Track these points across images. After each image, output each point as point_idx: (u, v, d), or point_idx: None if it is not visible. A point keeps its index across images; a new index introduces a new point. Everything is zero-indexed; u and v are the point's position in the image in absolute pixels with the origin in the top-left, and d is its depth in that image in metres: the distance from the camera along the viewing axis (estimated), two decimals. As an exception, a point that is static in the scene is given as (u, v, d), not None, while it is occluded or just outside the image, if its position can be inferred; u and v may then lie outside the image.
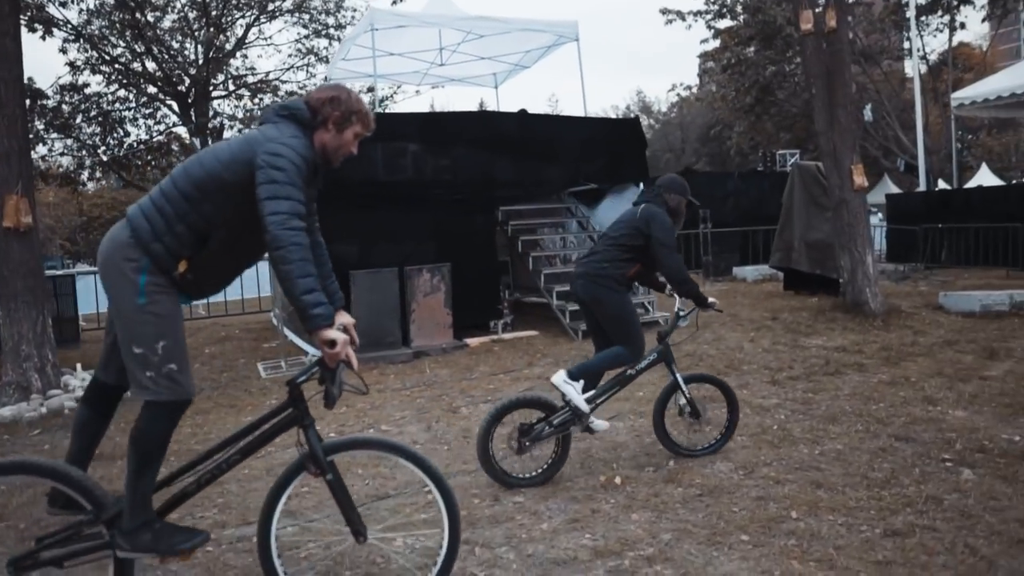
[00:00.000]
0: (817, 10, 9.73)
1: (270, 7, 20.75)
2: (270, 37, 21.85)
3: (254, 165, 2.60)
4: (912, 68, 20.08)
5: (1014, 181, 31.54)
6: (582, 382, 4.40)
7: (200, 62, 20.13)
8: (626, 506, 3.96)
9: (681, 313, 4.70)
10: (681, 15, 23.12)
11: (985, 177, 32.16)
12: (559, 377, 4.41)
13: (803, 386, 6.34)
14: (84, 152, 19.76)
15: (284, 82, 21.63)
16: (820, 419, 5.37)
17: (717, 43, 25.61)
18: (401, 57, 12.68)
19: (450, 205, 9.01)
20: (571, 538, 3.60)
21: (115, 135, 19.99)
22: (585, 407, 4.35)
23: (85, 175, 20.88)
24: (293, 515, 3.92)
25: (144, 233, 2.67)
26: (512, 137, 9.37)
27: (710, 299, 4.60)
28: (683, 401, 4.66)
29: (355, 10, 21.33)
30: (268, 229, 2.52)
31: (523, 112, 10.52)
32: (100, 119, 19.39)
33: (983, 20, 24.12)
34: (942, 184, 28.39)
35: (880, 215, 20.97)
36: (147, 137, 20.86)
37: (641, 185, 9.93)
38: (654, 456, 4.72)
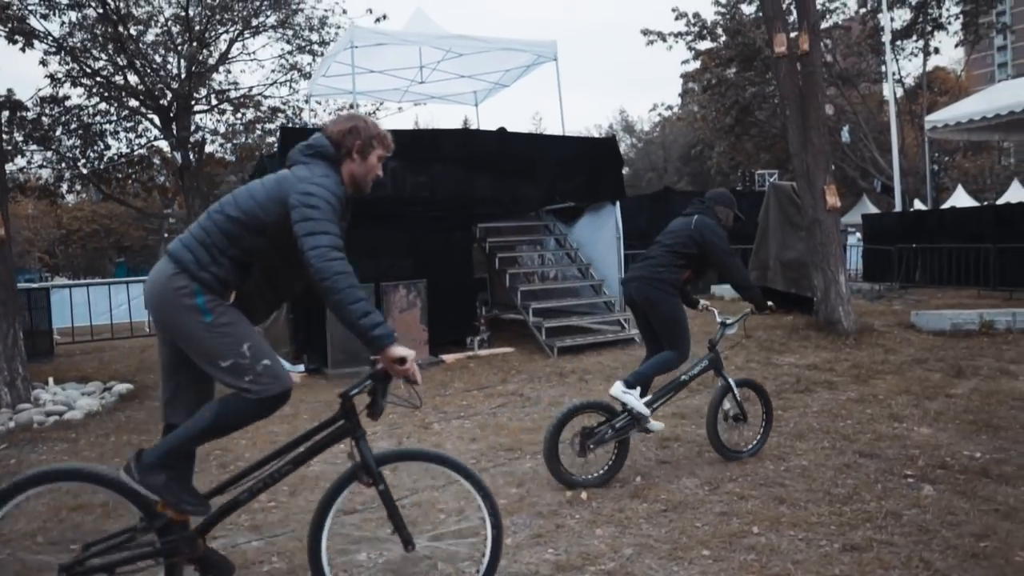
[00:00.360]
0: (793, 34, 9.92)
1: (254, 23, 20.77)
2: (254, 52, 21.82)
3: (288, 205, 2.71)
4: (888, 91, 20.41)
5: (986, 202, 32.09)
6: (639, 388, 4.61)
7: (183, 76, 20.07)
8: (591, 521, 3.99)
9: (728, 321, 4.93)
10: (662, 36, 23.36)
11: (961, 198, 32.70)
12: (617, 389, 4.60)
13: (773, 403, 6.39)
14: (64, 165, 19.61)
15: (267, 97, 21.63)
16: (788, 436, 5.43)
17: (698, 64, 25.93)
18: (382, 74, 12.74)
19: (428, 222, 9.05)
20: (534, 553, 3.63)
21: (95, 148, 19.84)
22: (646, 411, 4.58)
23: (64, 188, 20.68)
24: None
25: (190, 264, 2.74)
26: (490, 155, 9.39)
27: (769, 302, 4.89)
28: (728, 406, 4.87)
29: (339, 27, 21.39)
30: (311, 264, 2.59)
31: (502, 130, 10.59)
32: (80, 132, 19.25)
33: (956, 45, 24.60)
34: (918, 205, 28.81)
35: (858, 235, 21.21)
36: (128, 150, 20.70)
37: (618, 204, 10.00)
38: (621, 472, 4.75)
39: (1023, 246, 12.72)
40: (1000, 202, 25.61)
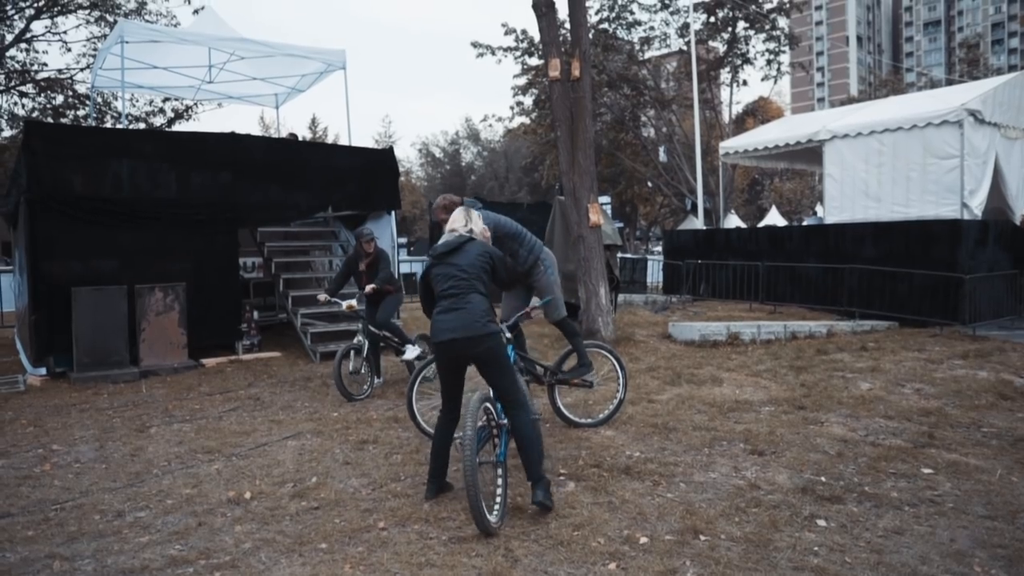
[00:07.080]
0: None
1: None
2: (64, 32, 20.49)
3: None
4: (695, 118, 21.95)
5: (795, 222, 35.10)
6: None
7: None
8: (238, 519, 4.16)
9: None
10: (491, 49, 23.93)
11: (774, 218, 35.64)
12: None
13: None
14: None
15: (76, 82, 20.40)
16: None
17: (525, 79, 26.66)
18: (173, 71, 12.37)
19: (193, 225, 8.90)
20: (160, 549, 3.76)
21: None
22: None
23: None
24: None
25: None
26: (261, 161, 9.35)
27: None
28: None
29: (161, 15, 20.65)
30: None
31: (292, 137, 10.61)
32: None
33: (762, 79, 26.68)
34: (737, 221, 31.14)
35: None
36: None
37: (393, 213, 10.25)
38: (297, 473, 4.96)
39: (785, 265, 14.12)
40: (806, 222, 28.05)
